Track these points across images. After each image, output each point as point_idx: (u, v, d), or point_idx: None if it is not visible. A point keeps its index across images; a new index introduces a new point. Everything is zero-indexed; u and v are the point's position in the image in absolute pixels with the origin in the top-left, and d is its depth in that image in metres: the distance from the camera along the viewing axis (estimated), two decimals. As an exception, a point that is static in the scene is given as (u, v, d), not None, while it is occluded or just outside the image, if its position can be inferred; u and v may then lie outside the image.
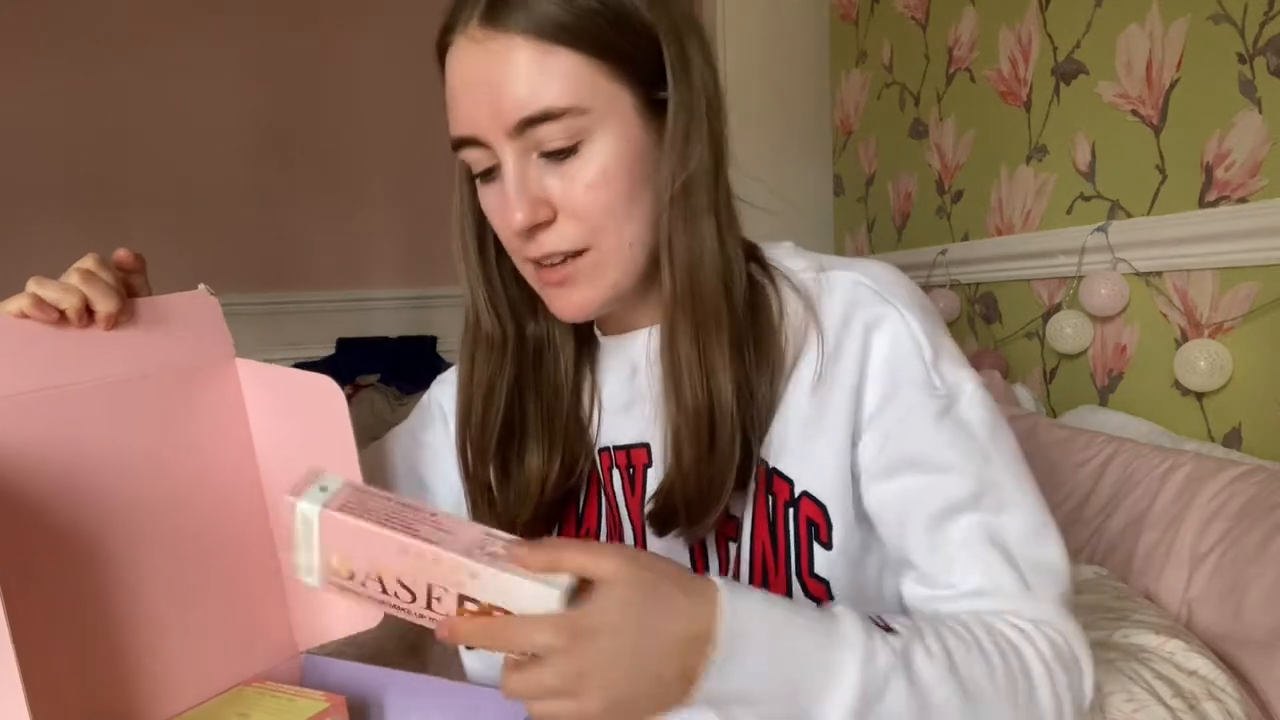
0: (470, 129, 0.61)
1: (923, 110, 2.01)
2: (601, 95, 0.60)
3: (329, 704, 0.62)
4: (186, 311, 0.67)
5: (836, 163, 2.42)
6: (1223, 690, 0.77)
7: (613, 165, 0.60)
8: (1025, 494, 0.63)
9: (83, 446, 0.58)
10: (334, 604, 0.69)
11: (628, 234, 0.62)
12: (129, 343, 0.62)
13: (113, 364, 0.61)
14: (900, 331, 0.64)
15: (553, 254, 0.62)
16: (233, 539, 0.67)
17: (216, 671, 0.65)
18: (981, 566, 0.60)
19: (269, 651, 0.69)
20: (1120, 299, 1.40)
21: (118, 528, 0.60)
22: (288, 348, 2.98)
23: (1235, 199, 1.22)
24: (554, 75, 0.58)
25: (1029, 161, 1.66)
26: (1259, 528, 0.93)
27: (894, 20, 2.10)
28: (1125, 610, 0.91)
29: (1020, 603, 0.60)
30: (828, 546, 0.64)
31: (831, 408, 0.64)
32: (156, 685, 0.61)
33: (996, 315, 1.78)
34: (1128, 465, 1.16)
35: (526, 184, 0.60)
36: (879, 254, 2.21)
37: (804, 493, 0.64)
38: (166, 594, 0.62)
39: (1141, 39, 1.37)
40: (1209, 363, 1.22)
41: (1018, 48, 1.67)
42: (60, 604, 0.56)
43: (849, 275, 0.66)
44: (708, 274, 0.63)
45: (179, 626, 0.63)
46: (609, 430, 0.72)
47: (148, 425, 0.62)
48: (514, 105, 0.58)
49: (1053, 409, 1.61)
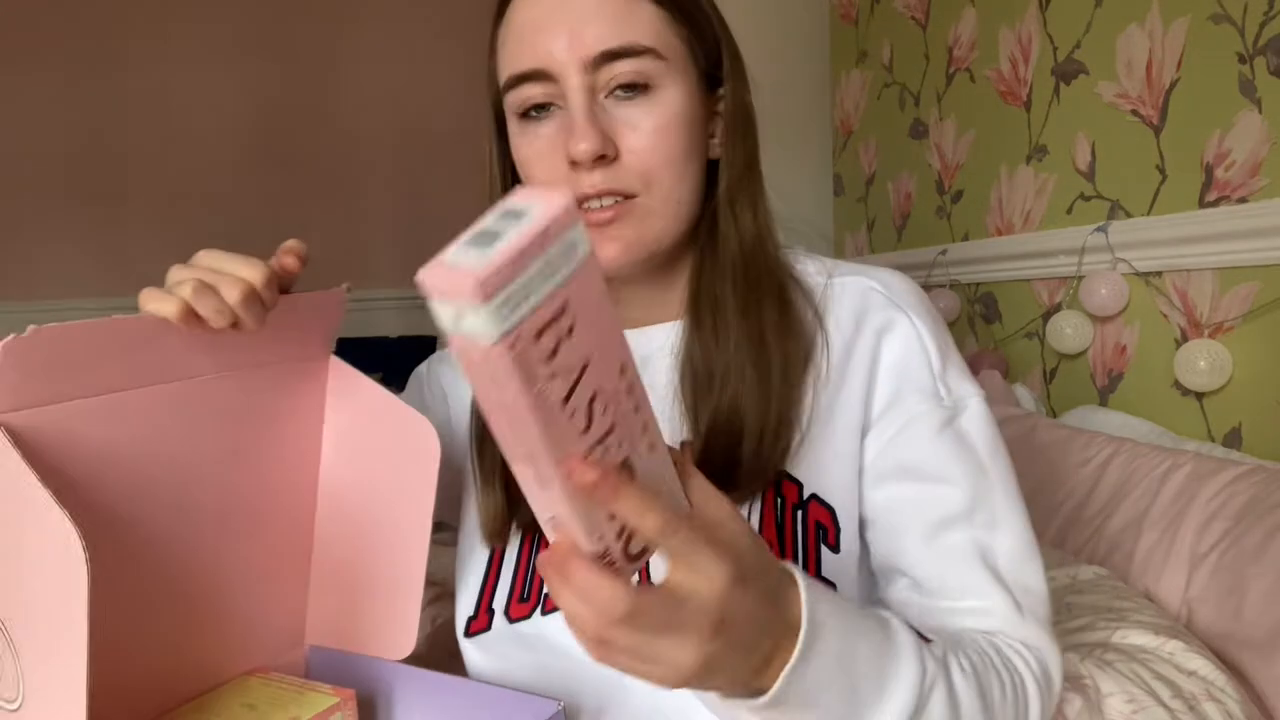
0: (541, 61, 0.61)
1: (923, 110, 2.01)
2: (675, 51, 0.63)
3: (338, 698, 0.60)
4: (308, 309, 0.62)
5: (836, 163, 2.42)
6: (1222, 691, 0.77)
7: (677, 117, 0.62)
8: (1016, 514, 0.63)
9: (153, 445, 0.57)
10: (365, 619, 0.68)
11: (678, 191, 0.63)
12: (232, 340, 0.58)
13: (211, 359, 0.58)
14: (910, 337, 0.64)
15: (605, 192, 0.61)
16: (271, 526, 0.66)
17: (225, 659, 0.64)
18: (976, 584, 0.61)
19: (276, 641, 0.68)
20: (1120, 299, 1.40)
21: (169, 516, 0.58)
22: (288, 348, 2.98)
23: (1235, 199, 1.22)
24: (639, 18, 0.61)
25: (1029, 161, 1.66)
26: (1259, 528, 0.93)
27: (894, 20, 2.10)
28: (1125, 611, 0.91)
29: (1013, 625, 0.60)
30: (835, 550, 0.63)
31: (840, 411, 0.64)
32: (174, 666, 0.61)
33: (996, 315, 1.78)
34: (1128, 465, 1.16)
35: (595, 114, 0.61)
36: (879, 254, 2.21)
37: (812, 495, 0.64)
38: (197, 578, 0.61)
39: (1141, 39, 1.37)
40: (1209, 363, 1.22)
41: (1018, 48, 1.67)
42: (115, 572, 0.55)
43: (861, 281, 0.67)
44: (753, 262, 0.65)
45: (201, 610, 0.62)
46: None
47: (222, 422, 0.60)
48: (597, 37, 0.60)
49: (1053, 409, 1.61)
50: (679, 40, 0.63)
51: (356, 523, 0.68)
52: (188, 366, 0.57)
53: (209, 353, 0.57)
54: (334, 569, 0.69)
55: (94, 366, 0.52)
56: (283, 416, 0.65)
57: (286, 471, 0.66)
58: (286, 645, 0.69)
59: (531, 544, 0.71)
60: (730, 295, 0.64)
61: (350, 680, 0.65)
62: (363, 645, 0.68)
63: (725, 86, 0.66)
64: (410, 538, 0.65)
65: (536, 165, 0.63)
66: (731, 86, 0.66)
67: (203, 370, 0.58)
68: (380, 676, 0.66)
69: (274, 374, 0.63)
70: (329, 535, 0.69)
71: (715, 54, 0.66)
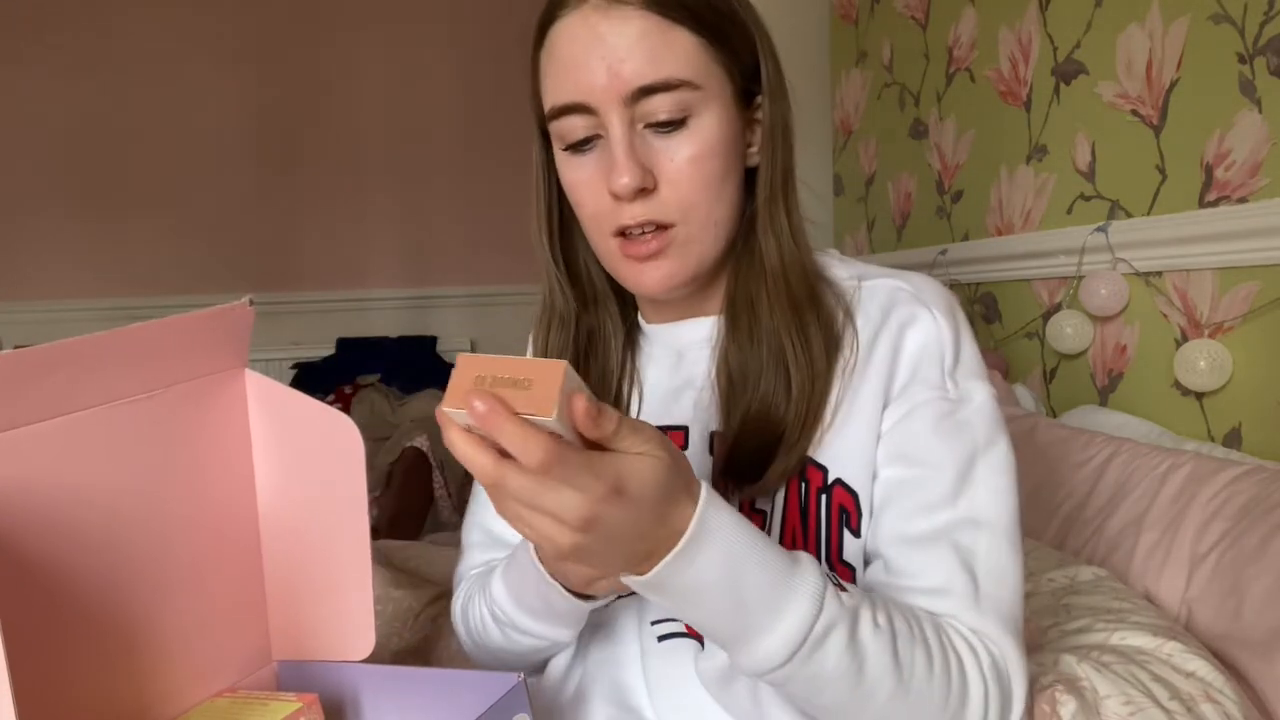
0: (582, 95, 0.63)
1: (923, 110, 2.01)
2: (711, 77, 0.64)
3: (302, 704, 0.62)
4: (214, 325, 0.62)
5: (836, 163, 2.42)
6: (1220, 692, 0.76)
7: (713, 143, 0.64)
8: (1002, 506, 0.64)
9: (80, 472, 0.57)
10: (323, 626, 0.68)
11: (716, 212, 0.66)
12: (143, 363, 0.59)
13: (123, 385, 0.58)
14: (930, 332, 0.67)
15: (646, 223, 0.64)
16: (219, 550, 0.66)
17: (191, 685, 0.64)
18: (937, 566, 0.62)
19: (243, 662, 0.69)
20: (1120, 299, 1.40)
21: (108, 546, 0.58)
22: (288, 348, 2.99)
23: (1235, 199, 1.22)
24: (674, 49, 0.62)
25: (1029, 161, 1.66)
26: (1259, 528, 0.93)
27: (894, 20, 2.10)
28: (1123, 612, 0.91)
29: (968, 610, 0.60)
30: (857, 534, 0.65)
31: (864, 399, 0.66)
32: (136, 699, 0.61)
33: (996, 315, 1.78)
34: (1127, 465, 1.16)
35: (634, 149, 0.63)
36: (879, 254, 2.21)
37: (837, 480, 0.66)
38: (146, 608, 0.61)
39: (1141, 39, 1.37)
40: (1209, 363, 1.22)
41: (1018, 48, 1.67)
42: (45, 617, 0.55)
43: (890, 282, 0.70)
44: (790, 267, 0.67)
45: (158, 641, 0.62)
46: (646, 415, 0.74)
47: (148, 445, 0.61)
48: (634, 73, 0.61)
49: (1053, 409, 1.61)
50: (715, 64, 0.64)
51: (298, 531, 0.68)
52: (96, 394, 0.56)
53: (117, 379, 0.57)
54: (285, 580, 0.69)
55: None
56: (208, 432, 0.65)
57: (222, 488, 0.66)
58: (254, 663, 0.69)
59: None
60: (765, 299, 0.67)
61: (319, 687, 0.66)
62: (326, 652, 0.69)
63: (763, 96, 0.68)
64: (351, 537, 0.66)
65: (582, 193, 0.67)
66: (770, 96, 0.68)
67: (112, 396, 0.58)
68: (346, 680, 0.67)
69: (190, 391, 0.63)
70: (275, 548, 0.69)
71: (753, 67, 0.68)
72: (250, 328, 0.64)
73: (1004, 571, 0.62)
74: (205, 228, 2.99)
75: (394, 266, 3.14)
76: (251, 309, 0.63)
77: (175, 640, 0.63)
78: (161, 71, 2.93)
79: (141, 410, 0.60)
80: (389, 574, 1.15)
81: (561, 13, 0.64)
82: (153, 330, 0.57)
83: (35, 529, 0.54)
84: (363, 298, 3.14)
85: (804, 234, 0.70)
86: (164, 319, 0.57)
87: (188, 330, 0.59)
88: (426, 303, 3.15)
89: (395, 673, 0.66)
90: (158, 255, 2.93)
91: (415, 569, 1.26)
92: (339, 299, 3.12)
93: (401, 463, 2.16)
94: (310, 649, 0.69)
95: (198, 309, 0.59)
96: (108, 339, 0.54)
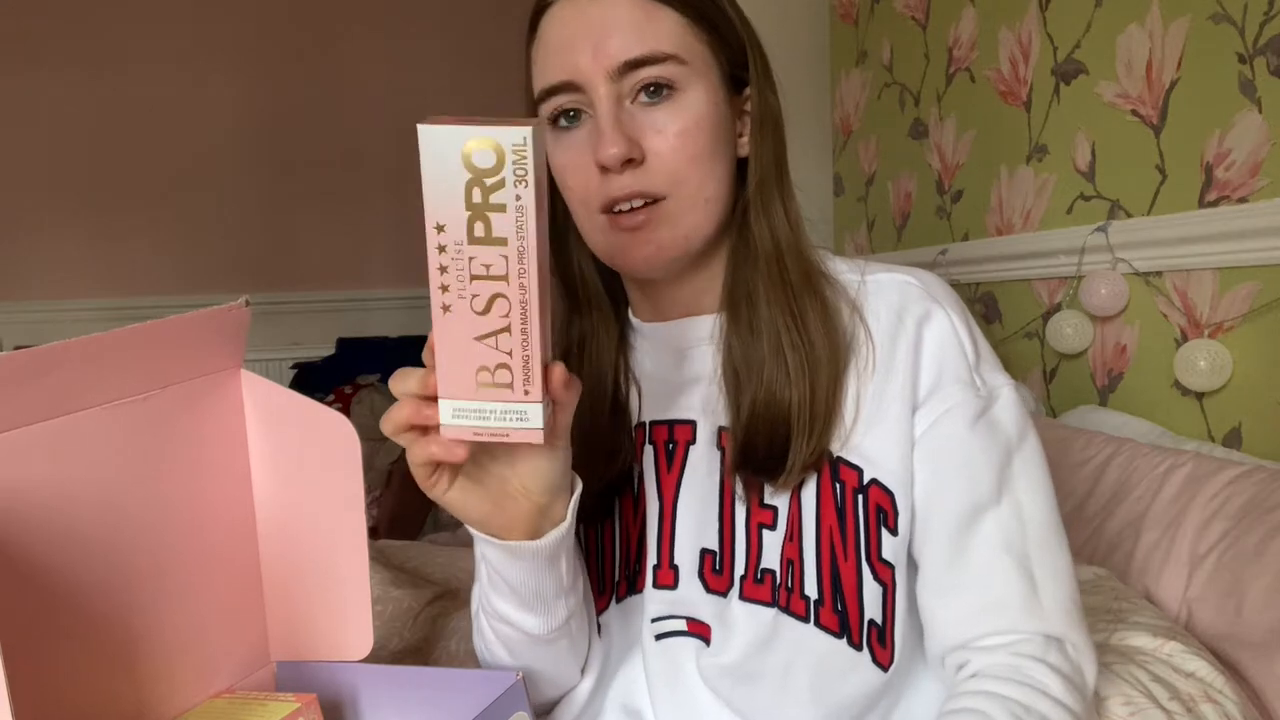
0: (570, 74, 0.64)
1: (923, 110, 2.01)
2: (697, 56, 0.65)
3: (300, 704, 0.62)
4: (210, 326, 0.63)
5: (836, 163, 2.42)
6: (1220, 692, 0.76)
7: (700, 118, 0.65)
8: (1042, 498, 0.66)
9: (76, 473, 0.57)
10: (321, 626, 0.68)
11: (707, 189, 0.66)
12: (140, 363, 0.59)
13: (119, 386, 0.59)
14: (947, 328, 0.67)
15: (634, 194, 0.64)
16: (216, 550, 0.66)
17: (190, 685, 0.64)
18: (997, 575, 0.63)
19: (241, 663, 0.69)
20: (1120, 299, 1.39)
21: (105, 547, 0.58)
22: (288, 348, 2.99)
23: (1235, 199, 1.22)
24: (659, 26, 0.64)
25: (1029, 161, 1.66)
26: (1259, 528, 0.93)
27: (894, 20, 2.10)
28: (1124, 612, 0.91)
29: (1029, 617, 0.62)
30: (894, 533, 0.66)
31: (891, 398, 0.66)
32: (134, 700, 0.61)
33: (996, 315, 1.77)
34: (1127, 465, 1.16)
35: (621, 122, 0.63)
36: (879, 254, 2.21)
37: (873, 480, 0.66)
38: (143, 609, 0.61)
39: (1141, 39, 1.37)
40: (1209, 363, 1.22)
41: (1018, 48, 1.67)
42: (42, 617, 0.55)
43: (897, 277, 0.71)
44: (785, 254, 0.68)
45: (156, 641, 0.62)
46: (648, 411, 0.75)
47: (144, 446, 0.61)
48: (620, 47, 0.63)
49: (1053, 409, 1.61)
50: (701, 44, 0.65)
51: (295, 532, 0.68)
52: (92, 394, 0.56)
53: (114, 379, 0.57)
54: (283, 581, 0.69)
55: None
56: (204, 432, 0.65)
57: (219, 489, 0.66)
58: (253, 664, 0.70)
59: (596, 534, 0.75)
60: (763, 288, 0.67)
61: (318, 687, 0.66)
62: (324, 652, 0.69)
63: (750, 86, 0.69)
64: (348, 536, 0.66)
65: (570, 172, 0.67)
66: (757, 86, 0.69)
67: (108, 397, 0.57)
68: (345, 680, 0.67)
69: (186, 391, 0.63)
70: (272, 548, 0.69)
71: (740, 56, 0.69)
72: (246, 328, 0.64)
73: (1055, 562, 0.64)
74: (205, 228, 2.99)
75: (394, 266, 3.13)
76: (247, 309, 0.63)
77: (173, 641, 0.63)
78: (162, 72, 2.93)
79: (138, 411, 0.60)
80: (388, 574, 1.15)
81: (551, 2, 0.65)
82: (148, 331, 0.57)
83: (32, 529, 0.54)
84: (363, 298, 3.14)
85: (800, 222, 0.70)
86: (160, 320, 0.57)
87: (183, 331, 0.59)
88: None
89: (394, 672, 0.66)
90: (158, 255, 2.92)
91: (415, 569, 1.26)
92: (339, 299, 3.12)
93: (401, 463, 2.16)
94: (308, 649, 0.69)
95: (198, 309, 0.59)
96: (104, 340, 0.54)
